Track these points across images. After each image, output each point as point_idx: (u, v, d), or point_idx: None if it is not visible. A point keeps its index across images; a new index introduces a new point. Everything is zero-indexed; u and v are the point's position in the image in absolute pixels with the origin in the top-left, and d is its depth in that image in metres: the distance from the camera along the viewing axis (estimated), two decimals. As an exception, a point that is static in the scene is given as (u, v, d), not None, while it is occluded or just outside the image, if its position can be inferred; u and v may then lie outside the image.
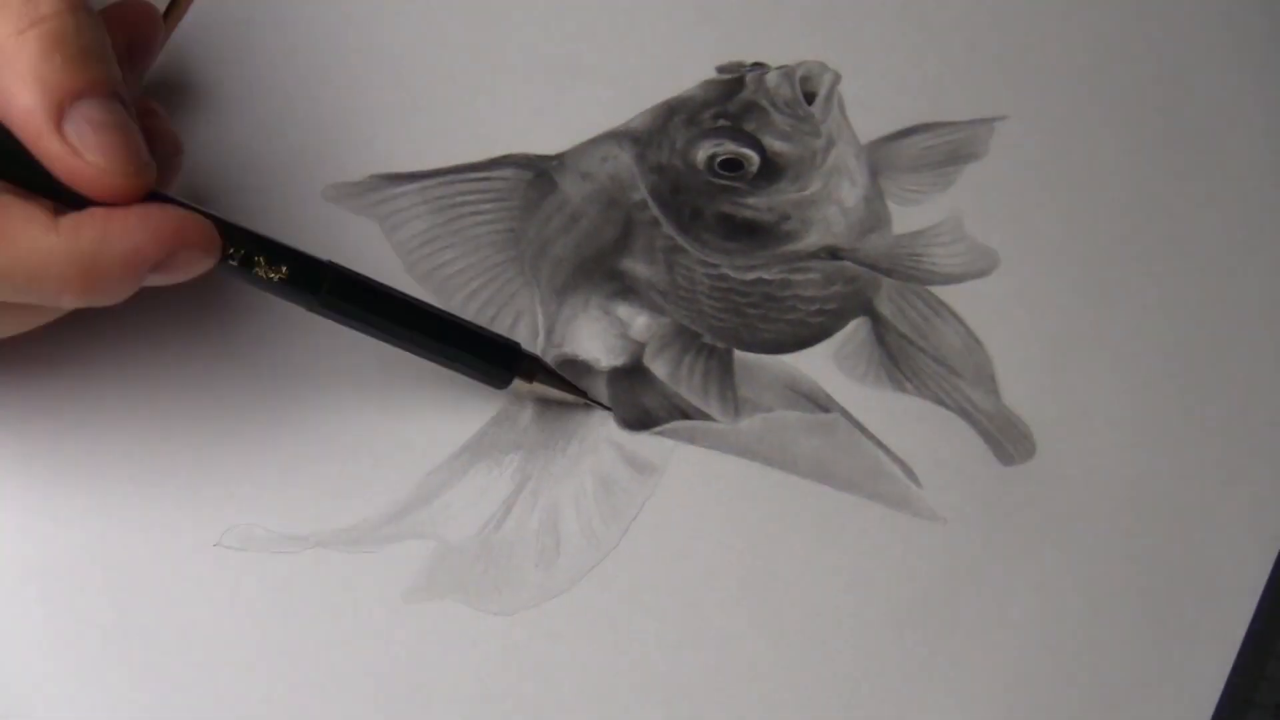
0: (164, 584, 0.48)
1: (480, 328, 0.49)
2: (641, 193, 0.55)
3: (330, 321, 0.48)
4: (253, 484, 0.49)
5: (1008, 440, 0.51)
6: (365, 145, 0.55)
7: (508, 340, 0.50)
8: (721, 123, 0.55)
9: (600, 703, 0.47)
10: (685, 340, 0.52)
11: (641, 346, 0.52)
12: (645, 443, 0.51)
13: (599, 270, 0.53)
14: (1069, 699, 0.48)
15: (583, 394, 0.50)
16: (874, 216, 0.55)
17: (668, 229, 0.54)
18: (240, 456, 0.50)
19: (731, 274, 0.53)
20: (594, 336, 0.52)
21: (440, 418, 0.51)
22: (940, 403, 0.52)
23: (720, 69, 0.56)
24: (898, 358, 0.52)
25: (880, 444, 0.51)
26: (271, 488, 0.49)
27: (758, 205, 0.54)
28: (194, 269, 0.45)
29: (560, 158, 0.55)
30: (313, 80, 0.56)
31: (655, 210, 0.54)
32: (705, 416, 0.51)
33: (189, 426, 0.50)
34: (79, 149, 0.43)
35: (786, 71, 0.56)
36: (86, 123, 0.43)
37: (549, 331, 0.52)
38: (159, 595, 0.48)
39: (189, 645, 0.47)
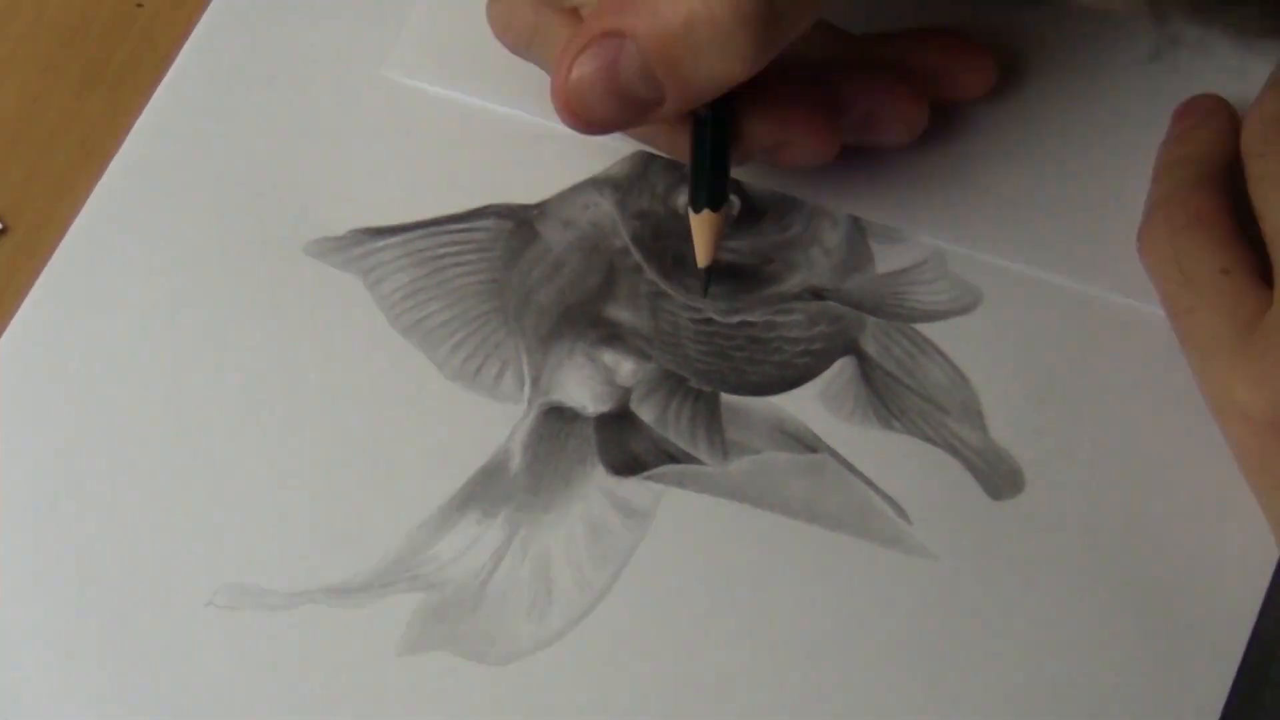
0: (156, 644, 0.48)
1: None
2: (624, 239, 0.55)
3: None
4: (242, 542, 0.49)
5: (997, 475, 0.51)
6: (346, 199, 0.55)
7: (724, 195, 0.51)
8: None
9: (596, 751, 0.47)
10: (671, 385, 0.52)
11: (628, 392, 0.52)
12: (634, 488, 0.51)
13: (583, 317, 0.53)
14: (1066, 733, 0.48)
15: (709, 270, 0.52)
16: (856, 256, 0.55)
17: (651, 274, 0.54)
18: (229, 514, 0.50)
19: (716, 318, 0.53)
20: (580, 383, 0.52)
21: (428, 470, 0.51)
22: (928, 440, 0.52)
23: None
24: (884, 396, 0.52)
25: (869, 482, 0.51)
26: (261, 545, 0.49)
27: (740, 248, 0.54)
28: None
29: (541, 206, 0.55)
30: (293, 136, 0.56)
31: (638, 256, 0.54)
32: (694, 460, 0.51)
33: (178, 485, 0.50)
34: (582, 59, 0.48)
35: None
36: (607, 57, 0.47)
37: (535, 380, 0.52)
38: (152, 656, 0.48)
39: (183, 707, 0.47)
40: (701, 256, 0.52)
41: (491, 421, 0.51)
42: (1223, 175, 0.53)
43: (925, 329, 0.53)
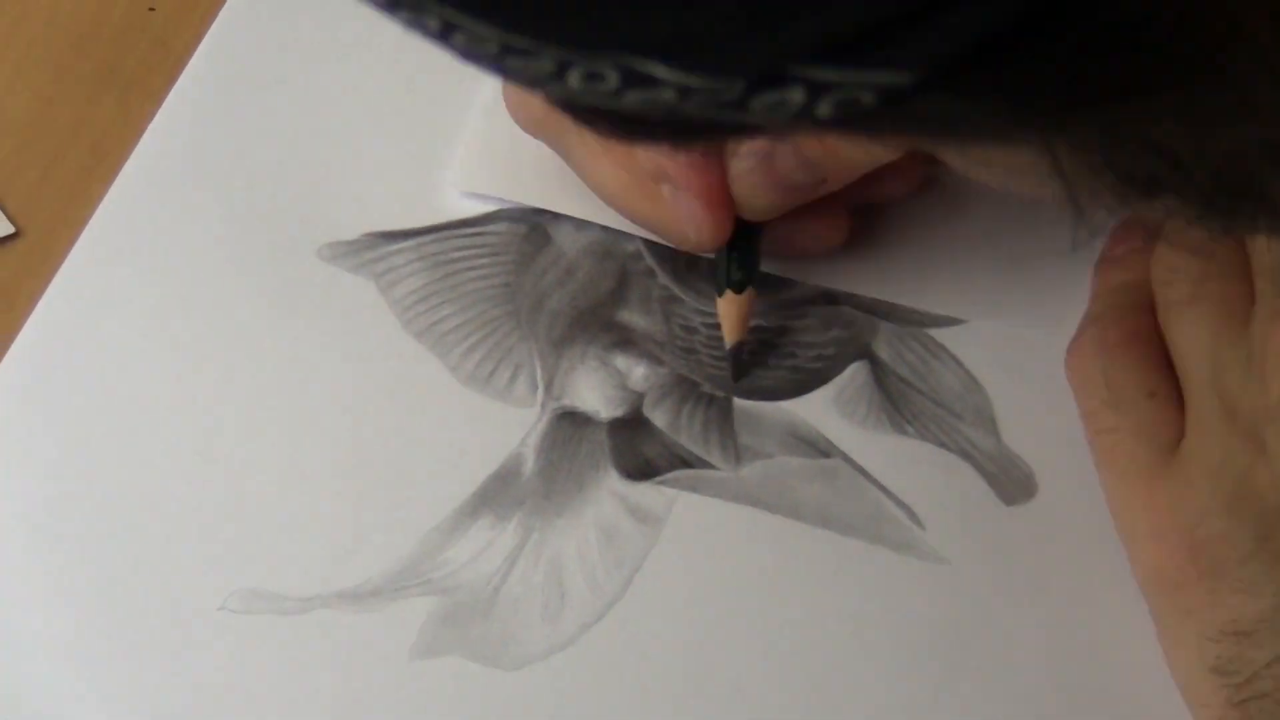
0: (169, 648, 0.48)
1: None
2: (636, 244, 0.55)
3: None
4: (255, 546, 0.49)
5: (1009, 480, 0.51)
6: (359, 204, 0.55)
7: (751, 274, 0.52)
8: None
9: (609, 755, 0.47)
10: (684, 389, 0.52)
11: (641, 397, 0.52)
12: (647, 493, 0.51)
13: (596, 322, 0.53)
14: (1079, 738, 0.48)
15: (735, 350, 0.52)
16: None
17: (663, 279, 0.54)
18: (242, 519, 0.50)
19: (729, 322, 0.53)
20: (593, 388, 0.52)
21: (441, 474, 0.51)
22: (941, 445, 0.52)
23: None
24: (897, 401, 0.52)
25: (882, 487, 0.51)
26: (274, 550, 0.49)
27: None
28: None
29: (554, 210, 0.55)
30: (305, 139, 0.56)
31: (651, 261, 0.54)
32: (706, 465, 0.51)
33: (191, 490, 0.50)
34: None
35: None
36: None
37: (548, 384, 0.52)
38: (165, 660, 0.48)
39: (196, 710, 0.47)
40: (730, 335, 0.52)
41: (504, 426, 0.51)
42: None
43: (939, 334, 0.53)
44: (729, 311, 0.52)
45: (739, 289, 0.51)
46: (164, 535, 0.49)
